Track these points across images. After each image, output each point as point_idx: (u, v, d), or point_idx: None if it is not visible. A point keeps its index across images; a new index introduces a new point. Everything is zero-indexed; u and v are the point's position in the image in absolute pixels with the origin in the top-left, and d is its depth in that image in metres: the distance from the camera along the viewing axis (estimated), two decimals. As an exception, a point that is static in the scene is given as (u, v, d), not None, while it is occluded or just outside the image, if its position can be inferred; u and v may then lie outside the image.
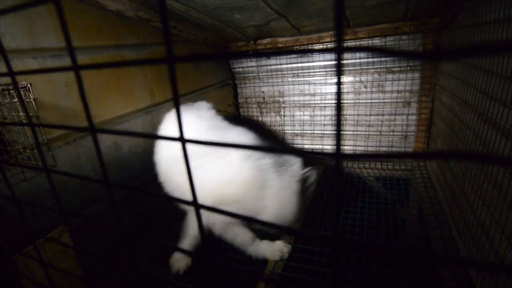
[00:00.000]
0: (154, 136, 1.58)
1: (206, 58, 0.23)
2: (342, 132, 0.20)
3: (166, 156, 1.40)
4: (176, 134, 0.26)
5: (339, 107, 0.17)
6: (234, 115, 2.83)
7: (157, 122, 1.87)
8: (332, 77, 2.39)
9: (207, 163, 1.24)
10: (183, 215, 1.50)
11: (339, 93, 0.17)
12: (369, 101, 2.33)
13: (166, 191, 1.40)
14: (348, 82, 2.33)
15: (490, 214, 1.06)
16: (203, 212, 0.29)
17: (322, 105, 2.50)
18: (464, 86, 1.40)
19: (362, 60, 2.24)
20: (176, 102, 0.23)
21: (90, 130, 0.28)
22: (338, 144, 0.17)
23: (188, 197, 0.28)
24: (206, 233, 1.67)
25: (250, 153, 1.23)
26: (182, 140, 0.25)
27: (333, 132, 2.50)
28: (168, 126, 1.53)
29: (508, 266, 0.20)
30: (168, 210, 1.80)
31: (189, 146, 0.25)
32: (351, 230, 1.59)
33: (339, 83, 0.17)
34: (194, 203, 0.27)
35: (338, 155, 0.17)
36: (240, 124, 1.52)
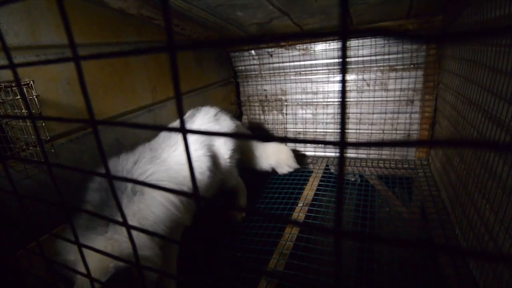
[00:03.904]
0: (154, 127, 1.58)
1: (207, 45, 0.23)
2: (345, 129, 0.20)
3: None
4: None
5: (343, 94, 0.16)
6: (236, 113, 2.83)
7: (159, 120, 1.87)
8: (335, 75, 2.38)
9: None
10: None
11: (343, 84, 0.17)
12: (372, 99, 2.32)
13: None
14: (351, 80, 2.32)
15: (493, 213, 1.05)
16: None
17: (325, 103, 2.49)
18: (468, 84, 1.38)
19: (365, 58, 2.22)
20: (177, 93, 0.23)
21: (90, 122, 0.28)
22: (343, 131, 0.17)
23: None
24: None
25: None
26: (183, 130, 0.24)
27: (336, 130, 2.50)
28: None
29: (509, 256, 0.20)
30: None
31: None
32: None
33: (343, 70, 0.16)
34: (195, 194, 0.26)
35: (342, 143, 0.17)
36: None
